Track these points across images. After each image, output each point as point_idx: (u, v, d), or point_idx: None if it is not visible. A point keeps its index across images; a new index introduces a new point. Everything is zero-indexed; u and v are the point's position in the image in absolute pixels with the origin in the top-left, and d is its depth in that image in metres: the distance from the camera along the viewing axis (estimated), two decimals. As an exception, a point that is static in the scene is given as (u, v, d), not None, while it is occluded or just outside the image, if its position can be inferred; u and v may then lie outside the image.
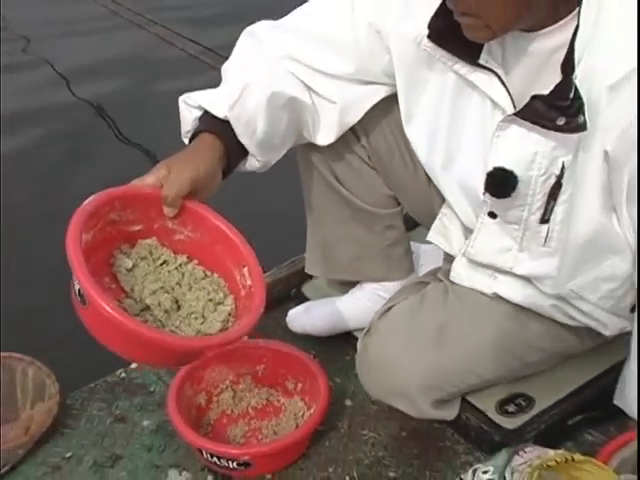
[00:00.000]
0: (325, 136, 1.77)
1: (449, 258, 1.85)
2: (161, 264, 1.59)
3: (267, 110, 1.64)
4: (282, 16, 1.79)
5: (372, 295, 2.06)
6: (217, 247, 1.63)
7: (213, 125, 1.63)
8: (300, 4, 1.77)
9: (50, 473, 1.81)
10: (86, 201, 1.46)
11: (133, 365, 2.13)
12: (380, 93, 1.77)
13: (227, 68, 1.75)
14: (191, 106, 1.67)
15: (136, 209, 1.56)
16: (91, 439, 1.91)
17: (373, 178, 1.92)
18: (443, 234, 1.85)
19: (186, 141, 1.70)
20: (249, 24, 1.79)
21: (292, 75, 1.70)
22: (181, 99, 1.69)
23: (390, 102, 1.78)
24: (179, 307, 1.55)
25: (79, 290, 1.38)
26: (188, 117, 1.68)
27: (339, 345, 2.10)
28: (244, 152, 1.67)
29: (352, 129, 1.82)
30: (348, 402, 1.97)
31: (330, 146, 1.82)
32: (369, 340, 1.78)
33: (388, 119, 1.82)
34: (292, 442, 1.79)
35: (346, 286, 2.15)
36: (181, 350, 1.50)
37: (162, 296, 1.52)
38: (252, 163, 1.70)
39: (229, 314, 1.56)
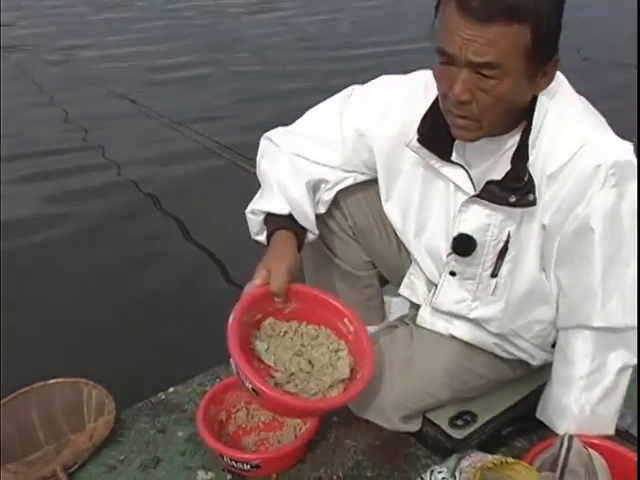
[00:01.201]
0: (319, 210, 1.88)
1: (414, 306, 1.99)
2: (283, 334, 1.75)
3: (308, 196, 1.78)
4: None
5: None
6: (318, 309, 1.78)
7: (281, 222, 1.76)
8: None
9: (108, 472, 1.91)
10: (230, 320, 1.62)
11: (171, 389, 2.21)
12: (350, 181, 1.88)
13: (261, 171, 1.88)
14: (256, 214, 1.81)
15: (257, 306, 1.72)
16: (139, 446, 2.01)
17: (356, 249, 2.02)
18: (411, 288, 1.97)
19: (258, 238, 1.85)
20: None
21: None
22: (247, 211, 1.84)
23: (370, 192, 1.90)
24: (313, 365, 1.72)
25: (252, 388, 1.56)
26: (256, 221, 1.82)
27: None
28: (304, 231, 1.80)
29: (342, 212, 1.95)
30: (335, 418, 2.04)
31: (325, 224, 1.94)
32: None
33: (369, 204, 1.93)
34: (292, 449, 1.89)
35: None
36: (318, 411, 1.77)
37: (297, 360, 1.71)
38: (310, 236, 1.82)
39: (347, 355, 1.73)
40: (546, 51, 1.44)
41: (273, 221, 1.77)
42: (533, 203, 1.55)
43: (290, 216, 1.76)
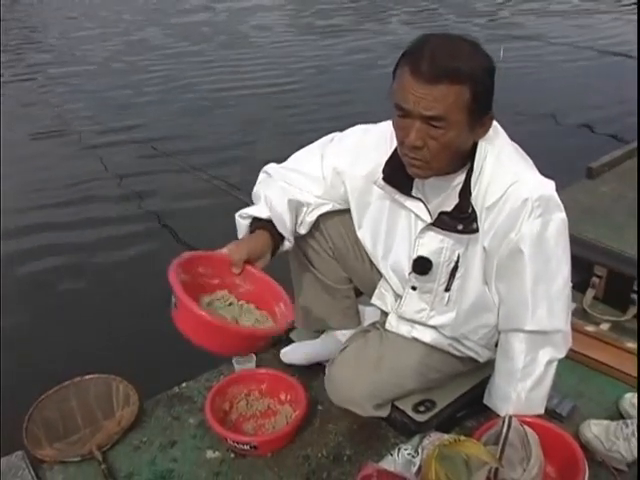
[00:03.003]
0: (302, 230, 1.94)
1: (384, 314, 2.03)
2: (229, 305, 1.74)
3: (289, 209, 1.83)
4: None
5: (334, 339, 2.18)
6: (265, 294, 1.77)
7: (262, 224, 1.82)
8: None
9: (133, 451, 2.00)
10: (183, 253, 1.67)
11: (183, 384, 2.27)
12: (328, 207, 1.93)
13: (254, 192, 1.94)
14: (244, 217, 1.86)
15: (215, 267, 1.74)
16: (158, 430, 2.08)
17: (335, 266, 2.07)
18: (381, 299, 2.02)
19: None
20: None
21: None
22: (236, 215, 1.88)
23: (347, 219, 1.94)
24: (237, 322, 1.70)
25: (174, 301, 1.56)
26: (243, 224, 1.87)
27: (314, 371, 2.22)
28: (281, 239, 1.84)
29: (323, 236, 1.99)
30: (319, 407, 2.13)
31: (309, 245, 2.00)
32: (333, 367, 1.95)
33: (346, 229, 1.98)
34: (284, 433, 1.98)
35: (318, 333, 2.27)
36: (234, 334, 1.63)
37: (226, 315, 1.70)
38: (286, 245, 1.86)
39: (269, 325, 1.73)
40: (483, 107, 1.53)
41: (256, 224, 1.84)
42: (476, 231, 1.65)
43: (271, 222, 1.82)
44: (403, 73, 1.52)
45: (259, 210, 1.85)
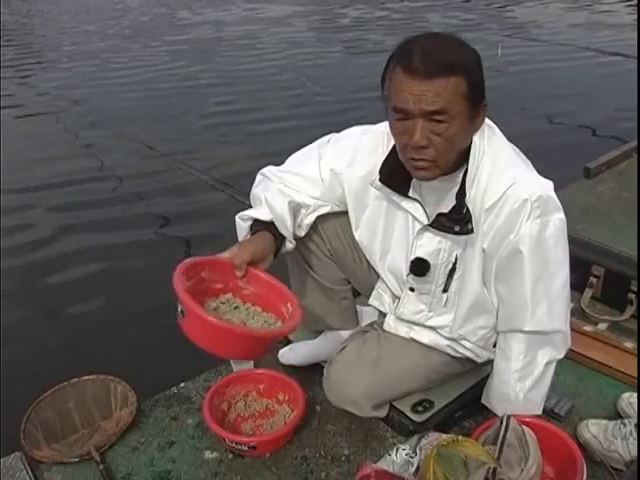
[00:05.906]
0: (300, 232, 1.94)
1: (382, 315, 2.04)
2: (235, 308, 1.76)
3: (289, 211, 1.84)
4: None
5: (332, 339, 2.17)
6: (271, 295, 1.79)
7: (263, 226, 1.83)
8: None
9: (131, 451, 2.00)
10: (186, 259, 1.68)
11: (182, 384, 2.27)
12: (327, 209, 1.93)
13: (253, 194, 1.95)
14: (244, 220, 1.87)
15: (218, 271, 1.75)
16: (156, 431, 2.08)
17: (333, 267, 2.07)
18: (379, 299, 2.03)
19: None
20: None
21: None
22: (237, 217, 1.89)
23: (344, 220, 1.95)
24: (245, 325, 1.71)
25: (181, 310, 1.57)
26: (243, 226, 1.88)
27: (312, 371, 2.21)
28: (283, 239, 1.86)
29: (321, 237, 1.99)
30: (318, 407, 2.13)
31: (307, 247, 2.00)
32: (331, 368, 1.95)
33: (344, 231, 1.99)
34: (282, 433, 1.98)
35: (316, 333, 2.26)
36: (243, 336, 1.64)
37: (234, 318, 1.72)
38: (288, 245, 1.88)
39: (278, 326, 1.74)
40: (479, 95, 1.56)
41: (257, 226, 1.84)
42: (471, 231, 1.65)
43: (272, 224, 1.83)
44: (396, 75, 1.53)
45: (260, 212, 1.85)
